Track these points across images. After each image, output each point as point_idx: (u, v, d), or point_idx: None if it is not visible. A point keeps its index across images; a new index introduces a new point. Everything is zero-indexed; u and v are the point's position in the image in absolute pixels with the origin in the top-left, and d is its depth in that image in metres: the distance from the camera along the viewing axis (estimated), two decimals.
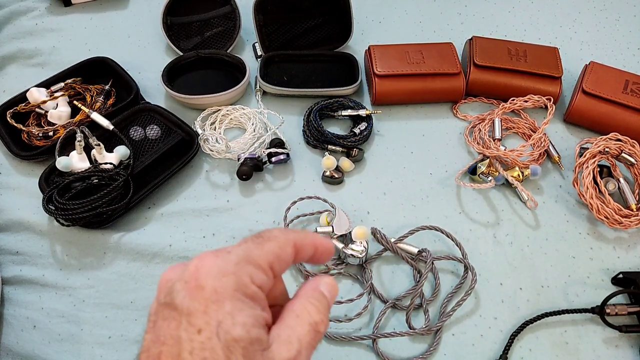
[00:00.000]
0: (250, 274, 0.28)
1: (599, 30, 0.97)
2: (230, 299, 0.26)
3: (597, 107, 0.78)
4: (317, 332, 0.29)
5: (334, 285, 0.32)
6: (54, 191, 0.66)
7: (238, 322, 0.26)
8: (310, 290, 0.31)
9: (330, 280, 0.32)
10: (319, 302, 0.30)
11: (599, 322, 0.62)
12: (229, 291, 0.26)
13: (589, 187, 0.70)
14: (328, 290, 0.32)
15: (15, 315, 0.63)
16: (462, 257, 0.67)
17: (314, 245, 0.32)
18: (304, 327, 0.29)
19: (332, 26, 0.89)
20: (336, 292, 0.32)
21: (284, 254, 0.30)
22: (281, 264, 0.30)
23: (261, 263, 0.29)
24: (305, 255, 0.32)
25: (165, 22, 0.87)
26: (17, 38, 0.91)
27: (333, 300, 0.32)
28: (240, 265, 0.28)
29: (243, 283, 0.27)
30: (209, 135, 0.76)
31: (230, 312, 0.26)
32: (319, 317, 0.30)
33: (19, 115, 0.77)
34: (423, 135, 0.81)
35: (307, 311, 0.30)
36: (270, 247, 0.30)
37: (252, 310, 0.27)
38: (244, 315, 0.26)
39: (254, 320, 0.26)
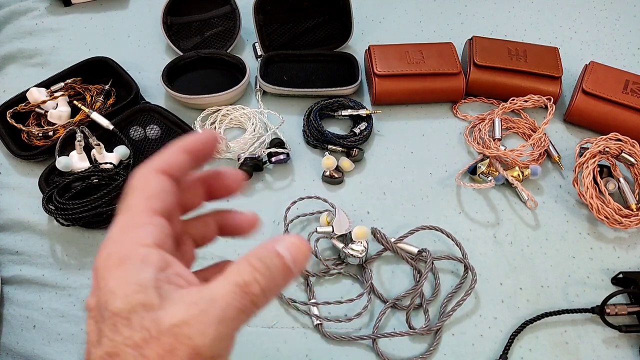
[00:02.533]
0: (132, 239, 0.26)
1: (599, 30, 0.97)
2: (113, 276, 0.25)
3: (597, 107, 0.78)
4: (246, 294, 0.25)
5: (299, 245, 0.27)
6: (54, 191, 0.66)
7: (119, 295, 0.24)
8: (260, 249, 0.26)
9: (295, 239, 0.27)
10: (260, 262, 0.25)
11: (599, 322, 0.62)
12: (112, 270, 0.25)
13: (589, 187, 0.70)
14: (287, 248, 0.26)
15: (15, 315, 0.63)
16: (462, 257, 0.67)
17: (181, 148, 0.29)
18: (225, 286, 0.25)
19: (332, 26, 0.89)
20: (301, 252, 0.27)
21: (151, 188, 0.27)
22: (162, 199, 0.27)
23: (138, 220, 0.26)
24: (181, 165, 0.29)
25: (165, 22, 0.87)
26: (17, 38, 0.91)
27: (299, 261, 0.27)
28: (120, 238, 0.26)
29: (127, 251, 0.25)
30: None
31: (112, 288, 0.24)
32: (251, 277, 0.25)
33: (19, 115, 0.77)
34: (423, 135, 0.81)
35: (237, 270, 0.25)
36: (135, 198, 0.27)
37: (138, 276, 0.24)
38: (125, 286, 0.24)
39: (138, 287, 0.24)
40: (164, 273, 0.25)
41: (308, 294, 0.64)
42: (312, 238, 0.66)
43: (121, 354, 0.23)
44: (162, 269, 0.25)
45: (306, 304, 0.63)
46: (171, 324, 0.23)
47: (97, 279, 0.25)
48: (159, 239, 0.26)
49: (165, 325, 0.23)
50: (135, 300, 0.24)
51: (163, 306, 0.24)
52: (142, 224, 0.26)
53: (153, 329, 0.23)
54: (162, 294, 0.24)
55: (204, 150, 0.30)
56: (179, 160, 0.29)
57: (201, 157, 0.30)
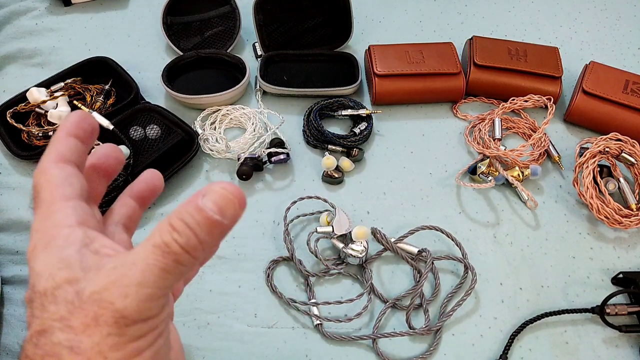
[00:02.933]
0: (53, 223, 0.26)
1: (599, 30, 0.97)
2: (38, 259, 0.25)
3: (597, 107, 0.78)
4: (167, 254, 0.24)
5: (224, 194, 0.25)
6: None
7: (43, 275, 0.24)
8: (182, 205, 0.25)
9: (219, 187, 0.25)
10: (180, 220, 0.24)
11: (599, 322, 0.62)
12: (38, 251, 0.25)
13: (589, 187, 0.70)
14: (214, 200, 0.24)
15: (15, 315, 0.63)
16: (462, 257, 0.67)
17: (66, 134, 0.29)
18: (145, 248, 0.24)
19: (332, 26, 0.89)
20: (230, 201, 0.25)
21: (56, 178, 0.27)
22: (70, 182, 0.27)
23: (54, 207, 0.26)
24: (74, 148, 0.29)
25: (165, 21, 0.87)
26: (17, 38, 0.91)
27: (228, 211, 0.25)
28: (41, 228, 0.26)
29: (50, 235, 0.25)
30: (209, 135, 0.76)
31: (38, 271, 0.25)
32: (169, 237, 0.24)
33: (19, 115, 0.77)
34: (423, 135, 0.81)
35: (157, 231, 0.24)
36: (44, 192, 0.27)
37: (61, 254, 0.25)
38: (46, 264, 0.24)
39: (61, 264, 0.24)
40: (89, 247, 0.25)
41: (308, 294, 0.64)
42: (312, 238, 0.66)
43: (48, 329, 0.24)
44: (86, 244, 0.25)
45: (306, 304, 0.63)
46: (92, 291, 0.23)
47: (29, 267, 0.25)
48: (79, 217, 0.26)
49: (86, 293, 0.23)
50: (59, 277, 0.24)
51: (86, 277, 0.24)
52: (59, 208, 0.26)
53: (76, 299, 0.23)
54: (85, 266, 0.24)
55: (85, 129, 0.30)
56: (69, 146, 0.29)
57: (85, 137, 0.30)
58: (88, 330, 0.23)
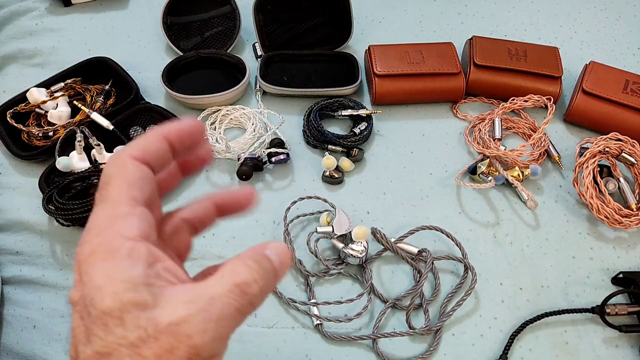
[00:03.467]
0: (117, 231, 0.24)
1: (599, 30, 0.97)
2: (99, 270, 0.23)
3: (597, 107, 0.78)
4: (244, 294, 0.24)
5: (283, 250, 0.28)
6: (54, 191, 0.66)
7: (107, 293, 0.23)
8: (250, 252, 0.26)
9: (279, 245, 0.28)
10: (256, 263, 0.25)
11: (599, 322, 0.62)
12: (97, 264, 0.24)
13: (589, 187, 0.70)
14: (275, 254, 0.27)
15: (15, 315, 0.63)
16: (462, 257, 0.67)
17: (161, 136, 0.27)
18: (224, 285, 0.24)
19: (332, 26, 0.89)
20: (287, 257, 0.27)
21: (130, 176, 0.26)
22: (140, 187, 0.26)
23: (120, 211, 0.25)
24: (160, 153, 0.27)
25: (165, 22, 0.87)
26: (17, 38, 0.91)
27: (283, 266, 0.27)
28: (102, 230, 0.24)
29: (112, 245, 0.24)
30: (209, 135, 0.76)
31: (99, 285, 0.23)
32: (250, 277, 0.25)
33: (19, 115, 0.77)
34: (423, 135, 0.81)
35: (234, 269, 0.25)
36: (115, 187, 0.25)
37: (127, 273, 0.23)
38: (113, 283, 0.23)
39: (128, 284, 0.23)
40: (153, 268, 0.24)
41: (308, 294, 0.64)
42: (312, 238, 0.66)
43: (114, 354, 0.22)
44: (150, 264, 0.24)
45: (306, 304, 0.63)
46: (169, 322, 0.23)
47: (80, 272, 0.24)
48: (143, 230, 0.25)
49: (163, 323, 0.23)
50: (126, 299, 0.23)
51: (158, 304, 0.23)
52: (125, 214, 0.25)
53: (150, 328, 0.22)
54: (154, 292, 0.23)
55: (187, 139, 0.28)
56: (157, 148, 0.27)
57: (184, 146, 0.28)
58: None
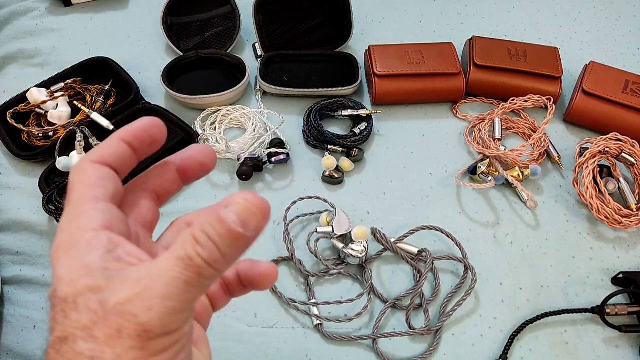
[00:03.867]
0: (78, 225, 0.25)
1: (599, 30, 0.97)
2: (60, 262, 0.25)
3: (597, 107, 0.78)
4: (190, 267, 0.24)
5: (245, 205, 0.24)
6: (54, 191, 0.66)
7: (65, 281, 0.24)
8: (203, 216, 0.24)
9: (241, 197, 0.24)
10: (202, 232, 0.24)
11: (599, 322, 0.62)
12: (60, 253, 0.25)
13: (589, 187, 0.70)
14: (236, 212, 0.24)
15: (15, 315, 0.63)
16: (462, 257, 0.67)
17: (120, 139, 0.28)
18: (169, 260, 0.24)
19: (332, 26, 0.89)
20: (252, 212, 0.24)
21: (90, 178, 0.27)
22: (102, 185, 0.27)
23: (82, 209, 0.26)
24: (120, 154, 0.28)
25: (165, 22, 0.87)
26: (17, 38, 0.91)
27: (250, 223, 0.24)
28: (66, 228, 0.26)
29: (74, 238, 0.25)
30: (209, 135, 0.76)
31: (60, 275, 0.24)
32: (192, 249, 0.24)
33: (19, 116, 0.77)
34: (423, 135, 0.81)
35: (181, 242, 0.24)
36: (76, 191, 0.26)
37: (83, 260, 0.24)
38: (73, 269, 0.24)
39: (84, 270, 0.24)
40: (112, 253, 0.25)
41: (308, 294, 0.64)
42: (312, 238, 0.66)
43: (70, 337, 0.23)
44: (109, 250, 0.25)
45: (306, 304, 0.63)
46: (116, 302, 0.23)
47: (52, 269, 0.25)
48: (106, 221, 0.26)
49: (110, 304, 0.23)
50: (81, 284, 0.24)
51: (109, 286, 0.24)
52: (87, 210, 0.26)
53: (99, 309, 0.23)
54: (109, 275, 0.24)
55: (144, 137, 0.29)
56: (115, 150, 0.28)
57: (144, 143, 0.29)
58: (111, 341, 0.23)
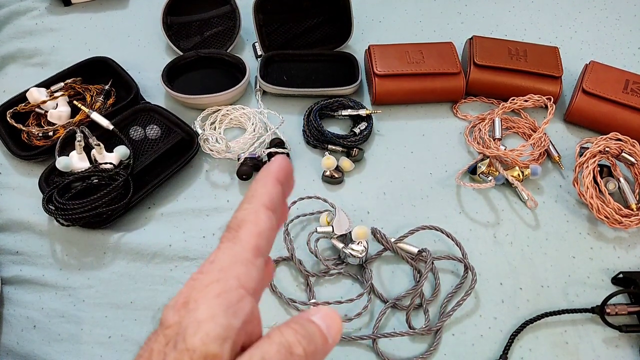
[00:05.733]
0: (237, 275, 0.25)
1: (599, 29, 0.97)
2: (207, 305, 0.24)
3: (597, 107, 0.78)
4: (290, 355, 0.25)
5: (332, 316, 0.27)
6: (54, 191, 0.66)
7: (200, 331, 0.23)
8: (296, 317, 0.27)
9: (328, 310, 0.27)
10: (300, 327, 0.26)
11: (599, 322, 0.62)
12: (209, 297, 0.24)
13: (589, 187, 0.70)
14: (321, 318, 0.27)
15: (15, 315, 0.63)
16: (462, 257, 0.67)
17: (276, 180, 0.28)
18: (271, 345, 0.25)
19: (332, 26, 0.89)
20: (334, 321, 0.27)
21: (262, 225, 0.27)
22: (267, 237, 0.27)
23: (246, 256, 0.26)
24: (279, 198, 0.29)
25: (165, 21, 0.87)
26: (17, 38, 0.91)
27: (334, 331, 0.27)
28: (226, 269, 0.26)
29: (228, 287, 0.25)
30: (209, 135, 0.76)
31: (200, 319, 0.24)
32: (294, 338, 0.25)
33: (19, 115, 0.77)
34: (423, 135, 0.81)
35: (280, 332, 0.25)
36: (246, 232, 0.27)
37: (225, 320, 0.24)
38: (212, 324, 0.24)
39: (221, 332, 0.24)
40: (245, 327, 0.25)
41: (308, 294, 0.64)
42: (312, 238, 0.66)
43: None
44: (246, 322, 0.25)
45: (306, 304, 0.63)
46: None
47: (187, 298, 0.25)
48: (255, 284, 0.26)
49: None
50: (211, 348, 0.23)
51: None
52: (249, 262, 0.26)
53: None
54: (232, 351, 0.24)
55: (289, 179, 0.30)
56: (277, 193, 0.29)
57: (287, 187, 0.30)
58: None
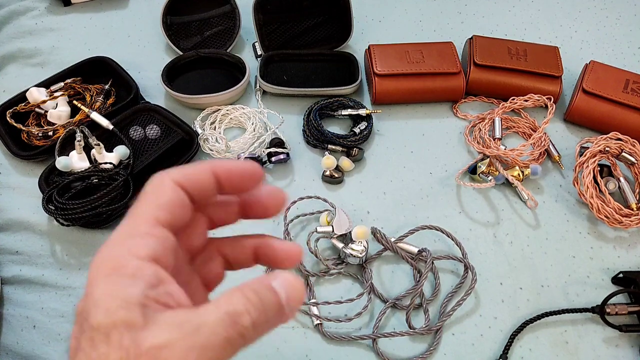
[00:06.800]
0: (129, 248, 0.24)
1: (599, 29, 0.97)
2: (100, 284, 0.23)
3: (597, 107, 0.78)
4: (235, 324, 0.23)
5: (294, 285, 0.26)
6: (54, 191, 0.66)
7: (101, 308, 0.23)
8: (255, 281, 0.25)
9: (291, 277, 0.26)
10: (255, 294, 0.24)
11: (599, 322, 0.62)
12: (100, 277, 0.23)
13: (589, 187, 0.70)
14: (283, 286, 0.25)
15: (15, 315, 0.63)
16: (462, 257, 0.67)
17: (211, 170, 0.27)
18: (215, 313, 0.23)
19: (332, 25, 0.89)
20: (298, 293, 0.26)
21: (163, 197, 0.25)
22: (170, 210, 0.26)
23: (140, 229, 0.25)
24: (205, 186, 0.27)
25: (165, 21, 0.87)
26: (16, 38, 0.91)
27: (293, 302, 0.25)
28: (116, 245, 0.24)
29: (119, 261, 0.24)
30: (208, 135, 0.76)
31: (96, 298, 0.23)
32: (243, 307, 0.24)
33: (18, 115, 0.77)
34: (423, 135, 0.81)
35: (229, 298, 0.24)
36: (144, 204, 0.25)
37: (122, 292, 0.23)
38: (109, 298, 0.23)
39: (121, 303, 0.22)
40: (154, 290, 0.24)
41: (308, 294, 0.64)
42: (312, 238, 0.66)
43: None
44: (152, 286, 0.24)
45: (306, 304, 0.63)
46: (151, 345, 0.22)
47: (88, 284, 0.24)
48: (156, 251, 0.25)
49: (144, 346, 0.22)
50: (117, 317, 0.22)
51: (146, 326, 0.22)
52: (142, 234, 0.25)
53: (132, 349, 0.22)
54: (146, 313, 0.23)
55: (236, 180, 0.28)
56: (201, 179, 0.27)
57: (233, 186, 0.28)
58: None
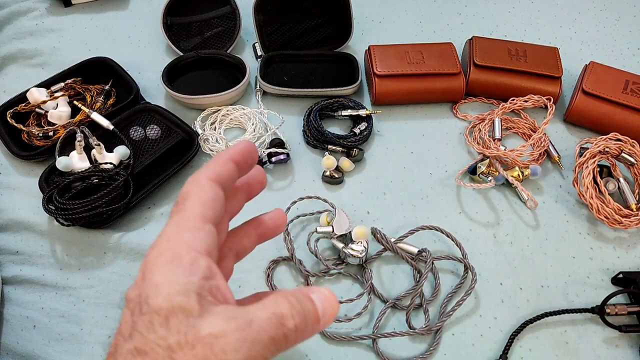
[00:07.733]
0: (185, 240, 0.26)
1: (599, 30, 0.97)
2: (161, 271, 0.25)
3: (597, 107, 0.78)
4: (280, 326, 0.25)
5: (330, 299, 0.28)
6: (54, 191, 0.66)
7: (162, 292, 0.24)
8: (295, 291, 0.28)
9: (327, 292, 0.28)
10: (297, 301, 0.26)
11: (599, 322, 0.62)
12: (161, 265, 0.25)
13: (589, 187, 0.70)
14: (320, 299, 0.28)
15: (15, 315, 0.63)
16: (462, 257, 0.67)
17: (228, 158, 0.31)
18: (264, 312, 0.25)
19: (332, 26, 0.89)
20: (332, 306, 0.28)
21: (205, 195, 0.28)
22: (212, 206, 0.28)
23: (192, 224, 0.27)
24: (230, 173, 0.31)
25: (165, 22, 0.87)
26: (17, 38, 0.91)
27: (328, 314, 0.28)
28: (173, 237, 0.27)
29: (179, 251, 0.26)
30: (209, 135, 0.76)
31: (157, 283, 0.25)
32: (289, 311, 0.26)
33: (19, 115, 0.77)
34: (423, 135, 0.81)
35: (275, 301, 0.26)
36: (190, 203, 0.28)
37: (182, 278, 0.25)
38: (171, 284, 0.25)
39: (181, 289, 0.24)
40: (208, 282, 0.25)
41: None
42: (312, 238, 0.66)
43: (150, 353, 0.23)
44: (207, 278, 0.26)
45: None
46: (209, 332, 0.23)
47: (144, 272, 0.26)
48: (208, 246, 0.27)
49: (202, 333, 0.23)
50: (176, 302, 0.24)
51: (202, 315, 0.24)
52: (195, 228, 0.27)
53: (190, 334, 0.23)
54: (202, 303, 0.24)
55: (247, 160, 0.32)
56: (228, 170, 0.30)
57: (244, 167, 0.32)
58: None
